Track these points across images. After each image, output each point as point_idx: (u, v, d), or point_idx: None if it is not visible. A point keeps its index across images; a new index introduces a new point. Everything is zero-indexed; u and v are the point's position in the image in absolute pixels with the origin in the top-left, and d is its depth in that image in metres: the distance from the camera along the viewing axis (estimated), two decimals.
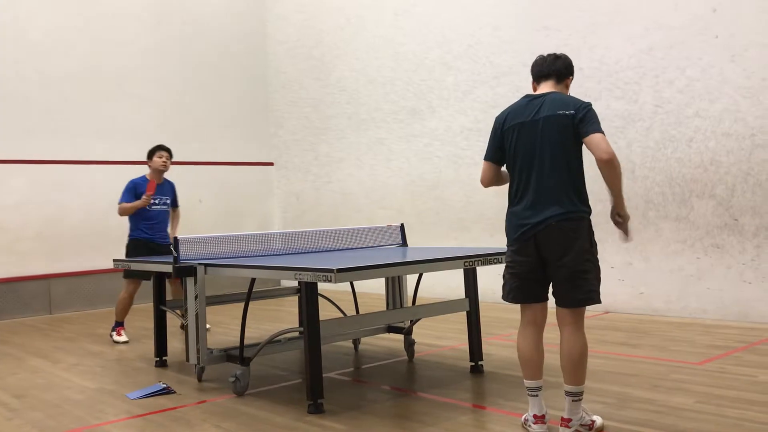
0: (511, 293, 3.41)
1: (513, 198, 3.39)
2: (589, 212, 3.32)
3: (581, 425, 3.27)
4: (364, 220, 9.51)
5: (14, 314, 8.55)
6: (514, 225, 3.35)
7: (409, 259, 4.41)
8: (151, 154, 6.66)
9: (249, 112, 11.09)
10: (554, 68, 3.49)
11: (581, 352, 3.24)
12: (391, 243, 5.69)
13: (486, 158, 3.54)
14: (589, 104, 3.32)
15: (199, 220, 10.23)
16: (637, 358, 4.88)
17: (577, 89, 7.22)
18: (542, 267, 3.30)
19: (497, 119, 3.52)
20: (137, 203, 6.34)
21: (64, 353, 6.12)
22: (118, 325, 6.55)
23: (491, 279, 3.64)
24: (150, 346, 6.02)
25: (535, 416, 3.32)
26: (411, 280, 5.33)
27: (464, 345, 4.99)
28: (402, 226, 5.78)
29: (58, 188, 9.02)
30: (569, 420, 3.24)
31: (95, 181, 9.16)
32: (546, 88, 3.47)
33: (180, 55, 10.33)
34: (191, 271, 4.53)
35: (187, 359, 4.65)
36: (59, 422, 3.96)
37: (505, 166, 3.51)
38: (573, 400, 3.24)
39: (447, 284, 6.85)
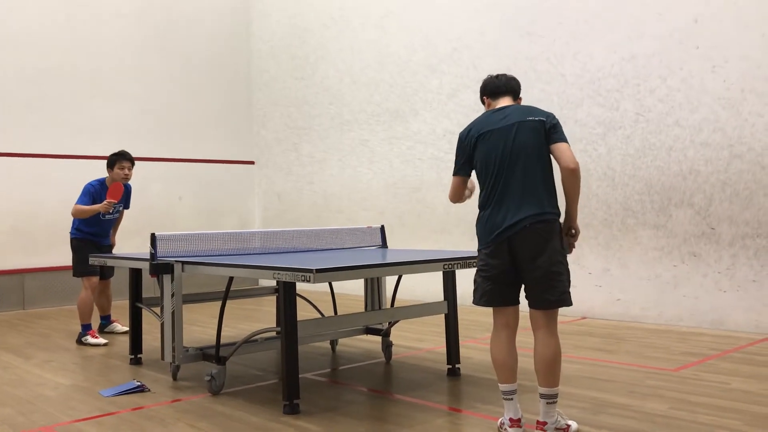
0: (483, 297, 3.40)
1: (485, 202, 3.41)
2: (560, 215, 3.37)
3: (556, 429, 3.29)
4: (345, 221, 9.49)
5: None
6: (488, 228, 3.36)
7: (388, 260, 4.40)
8: (112, 163, 6.32)
9: (231, 110, 11.03)
10: (511, 86, 3.63)
11: (555, 355, 3.27)
12: (371, 244, 5.68)
13: (456, 173, 3.57)
14: (554, 114, 3.46)
15: (178, 217, 10.18)
16: (612, 364, 4.91)
17: (559, 95, 7.30)
18: (515, 270, 3.34)
19: (461, 135, 3.55)
20: (97, 207, 6.12)
21: (37, 349, 6.04)
22: (88, 328, 6.25)
23: (470, 282, 3.64)
24: (125, 343, 5.96)
25: (511, 420, 3.34)
26: (390, 281, 5.32)
27: (442, 348, 4.99)
28: (382, 228, 5.78)
29: (34, 182, 8.90)
30: (544, 423, 3.26)
31: (72, 176, 9.01)
32: (504, 103, 3.57)
33: (162, 52, 10.25)
34: (168, 268, 4.49)
35: (163, 357, 4.61)
36: (30, 419, 3.90)
37: (474, 175, 3.55)
38: (547, 403, 3.26)
39: (426, 287, 6.85)
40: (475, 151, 3.45)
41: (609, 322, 6.73)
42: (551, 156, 3.38)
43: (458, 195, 3.64)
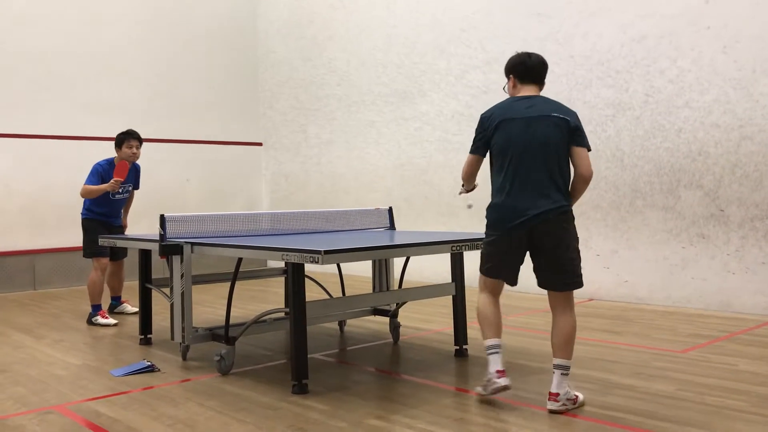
0: (490, 270, 3.63)
1: (503, 188, 3.49)
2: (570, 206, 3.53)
3: (567, 399, 3.42)
4: (352, 203, 9.49)
5: None
6: (508, 215, 3.46)
7: (396, 242, 4.41)
8: (120, 142, 6.35)
9: (238, 91, 11.01)
10: (540, 74, 3.62)
11: (573, 329, 3.50)
12: (378, 226, 5.69)
13: (473, 152, 3.64)
14: (577, 114, 3.56)
15: (186, 198, 10.21)
16: (620, 346, 4.92)
17: (568, 77, 7.25)
18: (524, 255, 3.53)
19: (484, 116, 3.62)
20: (104, 186, 6.15)
21: (48, 329, 6.10)
22: (98, 309, 6.29)
23: (478, 264, 3.66)
24: (135, 323, 6.01)
25: (497, 371, 3.53)
26: (398, 263, 5.33)
27: (449, 329, 5.01)
28: (390, 210, 5.78)
29: (43, 163, 8.94)
30: (557, 394, 3.40)
31: (81, 156, 9.02)
32: (529, 91, 3.60)
33: (169, 32, 10.22)
34: (177, 249, 4.51)
35: (172, 337, 4.64)
36: (42, 398, 3.95)
37: (490, 160, 3.64)
38: (562, 374, 3.42)
39: (434, 268, 6.86)
40: (495, 135, 3.53)
41: (617, 303, 6.74)
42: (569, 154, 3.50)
43: (471, 173, 3.73)
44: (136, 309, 6.41)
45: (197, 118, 10.46)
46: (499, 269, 3.60)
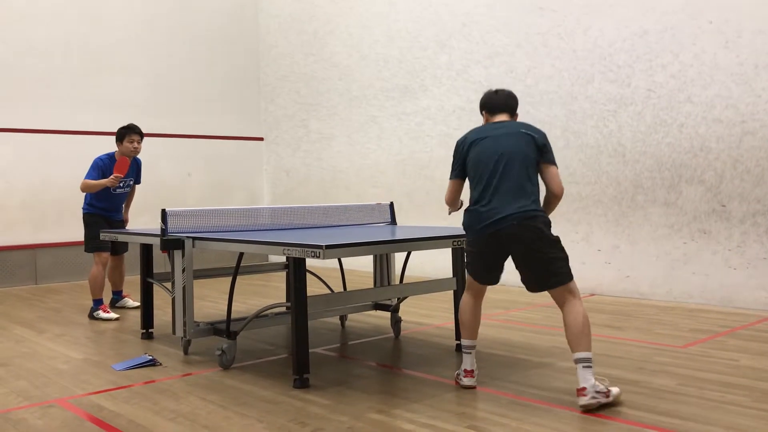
0: (474, 272, 3.80)
1: (475, 200, 3.68)
2: (543, 212, 3.64)
3: (597, 392, 3.37)
4: (353, 198, 9.49)
5: None
6: (475, 220, 3.65)
7: (397, 237, 4.41)
8: (122, 136, 6.33)
9: (240, 86, 11.00)
10: (509, 105, 3.85)
11: (584, 319, 3.49)
12: (380, 221, 5.69)
13: (453, 177, 3.85)
14: (545, 133, 3.73)
15: (187, 193, 10.21)
16: (621, 341, 4.92)
17: (569, 71, 7.24)
18: (501, 259, 3.68)
19: (458, 141, 3.83)
20: (104, 182, 6.16)
21: (50, 323, 6.11)
22: (100, 303, 6.29)
23: None
24: (136, 318, 6.02)
25: (465, 371, 3.79)
26: (399, 258, 5.34)
27: (450, 323, 5.02)
28: (391, 205, 5.78)
29: (44, 158, 8.94)
30: (584, 389, 3.36)
31: (82, 151, 9.02)
32: (500, 119, 3.82)
33: (170, 27, 10.21)
34: (179, 244, 4.52)
35: (174, 332, 4.65)
36: (44, 392, 3.96)
37: (467, 178, 3.81)
38: (584, 366, 3.39)
39: (435, 263, 6.87)
40: (468, 153, 3.74)
41: (618, 299, 6.74)
42: (538, 169, 3.67)
43: (453, 198, 3.95)
44: (138, 303, 6.42)
45: (198, 112, 10.45)
46: (478, 269, 3.77)
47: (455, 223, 8.14)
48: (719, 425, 3.16)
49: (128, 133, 6.33)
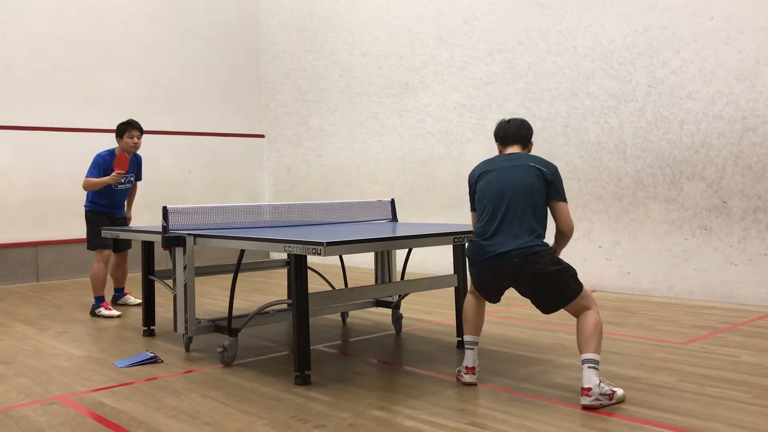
0: (476, 287, 3.82)
1: (479, 232, 3.67)
2: (547, 246, 3.58)
3: (601, 394, 3.37)
4: (354, 195, 9.49)
5: (1, 281, 8.53)
6: (477, 252, 3.65)
7: (398, 234, 4.41)
8: (122, 132, 6.35)
9: (240, 83, 10.99)
10: (520, 135, 3.83)
11: (594, 325, 3.47)
12: (381, 218, 5.69)
13: (472, 209, 3.89)
14: (557, 167, 3.70)
15: (189, 190, 10.22)
16: (622, 337, 4.93)
17: (570, 68, 7.23)
18: (501, 286, 3.73)
19: (470, 174, 3.88)
20: (106, 179, 6.17)
21: (51, 321, 6.12)
22: (101, 300, 6.28)
23: None
24: (138, 315, 6.02)
25: (467, 368, 3.79)
26: (400, 255, 5.34)
27: (451, 320, 5.02)
28: (392, 201, 5.78)
29: (44, 155, 8.95)
30: (589, 389, 3.35)
31: (83, 148, 9.02)
32: (512, 150, 3.82)
33: (171, 24, 10.20)
34: (180, 241, 4.52)
35: (175, 329, 4.66)
36: (46, 389, 3.97)
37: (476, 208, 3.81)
38: (589, 367, 3.38)
39: (436, 260, 6.88)
40: (476, 186, 3.78)
41: (619, 295, 6.74)
42: (546, 203, 3.64)
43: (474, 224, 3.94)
44: (139, 300, 6.43)
45: (199, 110, 10.45)
46: (479, 288, 3.80)
47: (456, 219, 8.16)
48: (720, 421, 3.17)
49: (128, 129, 6.34)
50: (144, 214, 8.20)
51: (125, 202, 6.67)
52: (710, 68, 6.28)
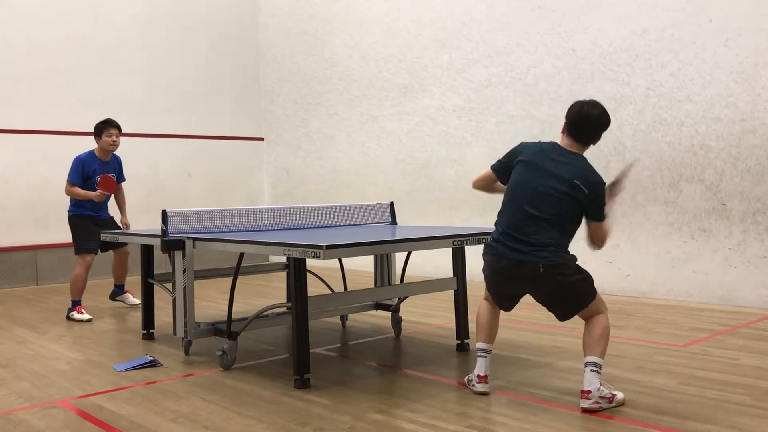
0: (489, 289, 3.71)
1: (502, 233, 3.52)
2: (570, 255, 3.51)
3: (600, 397, 3.36)
4: (353, 197, 9.49)
5: (1, 284, 8.52)
6: (501, 260, 3.50)
7: (398, 237, 4.41)
8: (99, 131, 6.37)
9: (240, 85, 11.00)
10: (592, 138, 3.56)
11: (602, 329, 3.47)
12: (380, 221, 5.69)
13: (493, 168, 3.67)
14: (603, 184, 3.53)
15: (188, 193, 10.21)
16: (622, 340, 4.93)
17: (570, 70, 7.24)
18: (521, 295, 3.62)
19: (521, 145, 3.64)
20: (90, 194, 6.19)
21: (51, 324, 6.11)
22: (76, 304, 6.24)
23: (479, 259, 3.67)
24: (137, 318, 6.02)
25: (479, 376, 3.66)
26: (400, 258, 5.34)
27: (451, 323, 5.02)
28: (392, 204, 5.78)
29: (44, 158, 8.93)
30: (588, 392, 3.35)
31: (82, 151, 9.02)
32: (575, 148, 3.55)
33: (170, 27, 10.21)
34: (180, 244, 4.52)
35: (175, 332, 4.66)
36: (45, 392, 3.96)
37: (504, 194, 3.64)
38: (591, 370, 3.38)
39: (435, 263, 6.87)
40: (514, 168, 3.57)
41: (618, 297, 6.74)
42: (581, 218, 3.53)
43: (480, 185, 3.79)
44: (138, 301, 6.42)
45: (198, 112, 10.45)
46: (492, 294, 3.70)
47: (455, 222, 8.16)
48: (720, 424, 3.17)
49: (105, 127, 6.36)
50: (143, 217, 8.19)
51: (119, 206, 6.65)
52: (709, 70, 6.28)
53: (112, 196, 6.62)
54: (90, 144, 6.65)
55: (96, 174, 6.35)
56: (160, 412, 3.56)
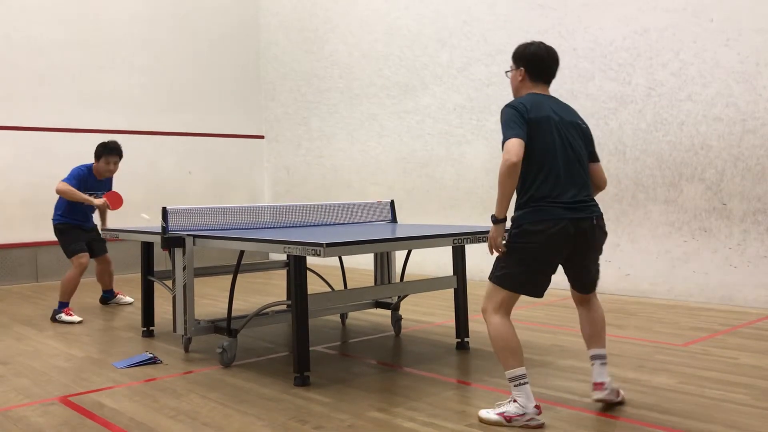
0: (526, 282, 3.19)
1: (549, 193, 3.14)
2: None
3: (612, 389, 3.36)
4: (354, 196, 9.49)
5: (0, 281, 8.52)
6: (561, 216, 3.13)
7: (398, 235, 4.41)
8: (99, 155, 6.26)
9: (241, 84, 11.00)
10: (554, 73, 3.34)
11: (603, 317, 3.54)
12: (380, 219, 5.69)
13: (518, 135, 3.07)
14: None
15: (188, 191, 10.21)
16: (622, 339, 4.93)
17: (570, 69, 7.23)
18: (560, 263, 3.31)
19: (519, 107, 3.16)
20: (92, 200, 6.10)
21: (51, 321, 6.10)
22: (64, 306, 6.11)
23: (479, 257, 3.67)
24: (137, 315, 6.02)
25: (536, 406, 3.14)
26: (400, 256, 5.34)
27: (451, 322, 5.02)
28: (392, 203, 5.78)
29: (43, 156, 8.93)
30: (602, 383, 3.33)
31: (82, 149, 8.99)
32: (544, 91, 3.32)
33: (171, 24, 10.21)
34: (180, 242, 4.52)
35: (175, 330, 4.65)
36: (45, 390, 3.96)
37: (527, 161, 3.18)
38: (601, 363, 3.37)
39: (435, 261, 6.87)
40: (532, 129, 3.13)
41: (618, 297, 6.74)
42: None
43: (521, 156, 3.08)
44: (131, 300, 6.43)
45: (199, 110, 10.45)
46: (533, 277, 3.23)
47: (455, 221, 8.16)
48: (719, 423, 3.17)
49: (108, 154, 6.23)
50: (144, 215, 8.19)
51: (102, 215, 6.57)
52: (710, 70, 6.28)
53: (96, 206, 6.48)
54: (90, 142, 6.64)
55: (91, 190, 6.27)
56: (160, 409, 3.56)
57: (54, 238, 8.50)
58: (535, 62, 3.28)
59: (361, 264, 6.78)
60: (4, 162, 8.68)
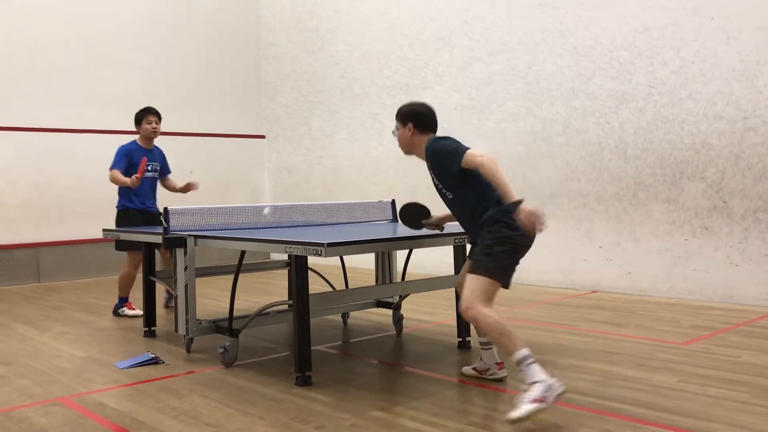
0: (508, 277, 3.47)
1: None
2: None
3: (495, 363, 3.89)
4: (355, 195, 9.49)
5: (2, 282, 8.53)
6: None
7: (399, 234, 4.41)
8: (140, 119, 6.48)
9: (241, 83, 11.00)
10: (437, 122, 3.97)
11: None
12: (381, 218, 5.69)
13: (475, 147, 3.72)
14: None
15: (189, 191, 10.20)
16: (622, 337, 4.93)
17: (571, 68, 7.23)
18: None
19: (457, 145, 3.83)
20: (127, 182, 6.09)
21: (53, 321, 6.12)
22: (124, 301, 6.27)
23: None
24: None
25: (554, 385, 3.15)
26: (401, 255, 5.34)
27: (452, 321, 5.02)
28: (393, 202, 5.79)
29: (46, 156, 8.94)
30: (503, 362, 3.80)
31: (84, 149, 9.07)
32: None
33: (172, 24, 10.21)
34: (181, 242, 4.52)
35: (176, 330, 4.66)
36: (47, 390, 3.97)
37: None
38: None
39: (436, 261, 6.87)
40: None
41: (619, 295, 6.74)
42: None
43: None
44: (140, 312, 6.39)
45: (200, 110, 10.45)
46: (509, 275, 3.52)
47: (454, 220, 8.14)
48: (720, 422, 3.17)
49: (145, 115, 6.45)
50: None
51: (179, 189, 6.74)
52: (710, 68, 6.28)
53: (171, 187, 6.72)
54: (90, 142, 6.64)
55: (145, 163, 6.27)
56: (162, 409, 3.57)
57: (56, 239, 8.45)
58: (420, 116, 3.90)
59: (362, 263, 6.78)
60: (6, 162, 8.69)
